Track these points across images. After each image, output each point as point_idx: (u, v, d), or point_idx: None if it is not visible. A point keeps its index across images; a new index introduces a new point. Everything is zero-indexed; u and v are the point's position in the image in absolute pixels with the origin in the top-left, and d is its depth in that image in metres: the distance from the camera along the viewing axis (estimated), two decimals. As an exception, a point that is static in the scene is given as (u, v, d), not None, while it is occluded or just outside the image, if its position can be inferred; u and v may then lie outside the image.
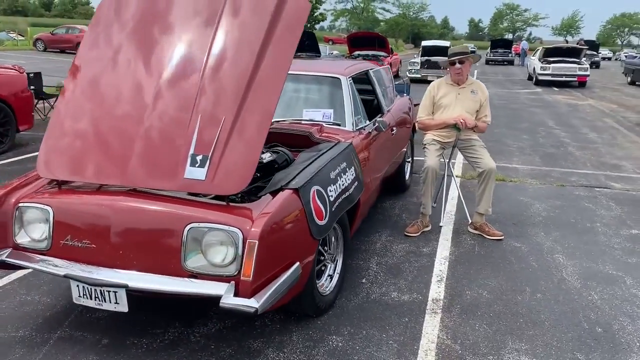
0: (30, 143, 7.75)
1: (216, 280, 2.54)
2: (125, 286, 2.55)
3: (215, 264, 2.55)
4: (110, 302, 2.61)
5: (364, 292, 3.52)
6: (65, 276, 2.65)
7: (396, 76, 17.43)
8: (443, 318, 3.23)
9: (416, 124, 4.82)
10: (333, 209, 3.07)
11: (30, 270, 3.51)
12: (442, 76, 4.81)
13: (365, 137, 4.07)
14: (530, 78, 22.13)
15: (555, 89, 18.92)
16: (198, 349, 2.86)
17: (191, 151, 2.71)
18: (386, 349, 2.90)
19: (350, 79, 4.32)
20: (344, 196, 3.25)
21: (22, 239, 2.89)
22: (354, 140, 3.80)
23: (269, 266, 2.54)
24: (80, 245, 2.70)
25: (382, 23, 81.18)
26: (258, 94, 2.79)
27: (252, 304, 2.38)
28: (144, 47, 3.07)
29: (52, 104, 9.78)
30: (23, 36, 36.30)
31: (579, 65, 19.71)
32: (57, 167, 2.93)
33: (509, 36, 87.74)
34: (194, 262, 2.57)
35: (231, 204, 2.72)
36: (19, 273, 3.65)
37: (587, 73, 19.86)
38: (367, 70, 4.90)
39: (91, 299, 2.64)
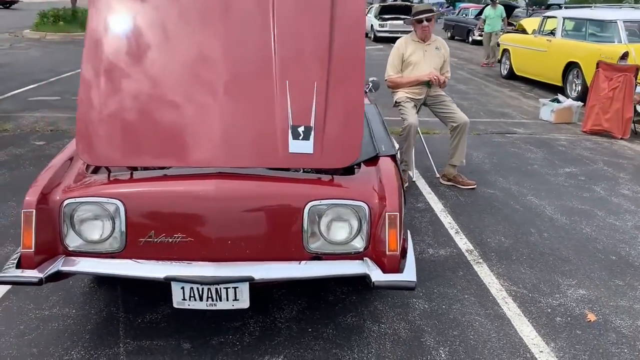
0: None
1: (342, 258, 2.37)
2: (250, 279, 2.24)
3: (337, 241, 2.36)
4: (227, 300, 2.28)
5: (401, 252, 3.53)
6: (166, 279, 2.23)
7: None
8: (490, 267, 3.40)
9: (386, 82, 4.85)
10: (399, 173, 3.01)
11: (10, 286, 2.88)
12: None
13: (365, 97, 4.00)
14: (366, 35, 23.25)
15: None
16: (297, 335, 2.65)
17: (290, 122, 2.42)
18: (469, 304, 2.98)
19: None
20: (394, 159, 3.20)
21: (74, 242, 2.35)
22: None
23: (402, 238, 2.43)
24: (170, 240, 2.29)
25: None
26: (342, 60, 2.55)
27: (409, 277, 2.26)
28: (193, 14, 2.60)
29: None
30: None
31: (412, 22, 21.22)
32: (113, 152, 2.39)
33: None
34: (316, 242, 2.35)
35: (335, 176, 2.52)
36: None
37: (418, 29, 21.46)
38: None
39: (202, 300, 2.28)
